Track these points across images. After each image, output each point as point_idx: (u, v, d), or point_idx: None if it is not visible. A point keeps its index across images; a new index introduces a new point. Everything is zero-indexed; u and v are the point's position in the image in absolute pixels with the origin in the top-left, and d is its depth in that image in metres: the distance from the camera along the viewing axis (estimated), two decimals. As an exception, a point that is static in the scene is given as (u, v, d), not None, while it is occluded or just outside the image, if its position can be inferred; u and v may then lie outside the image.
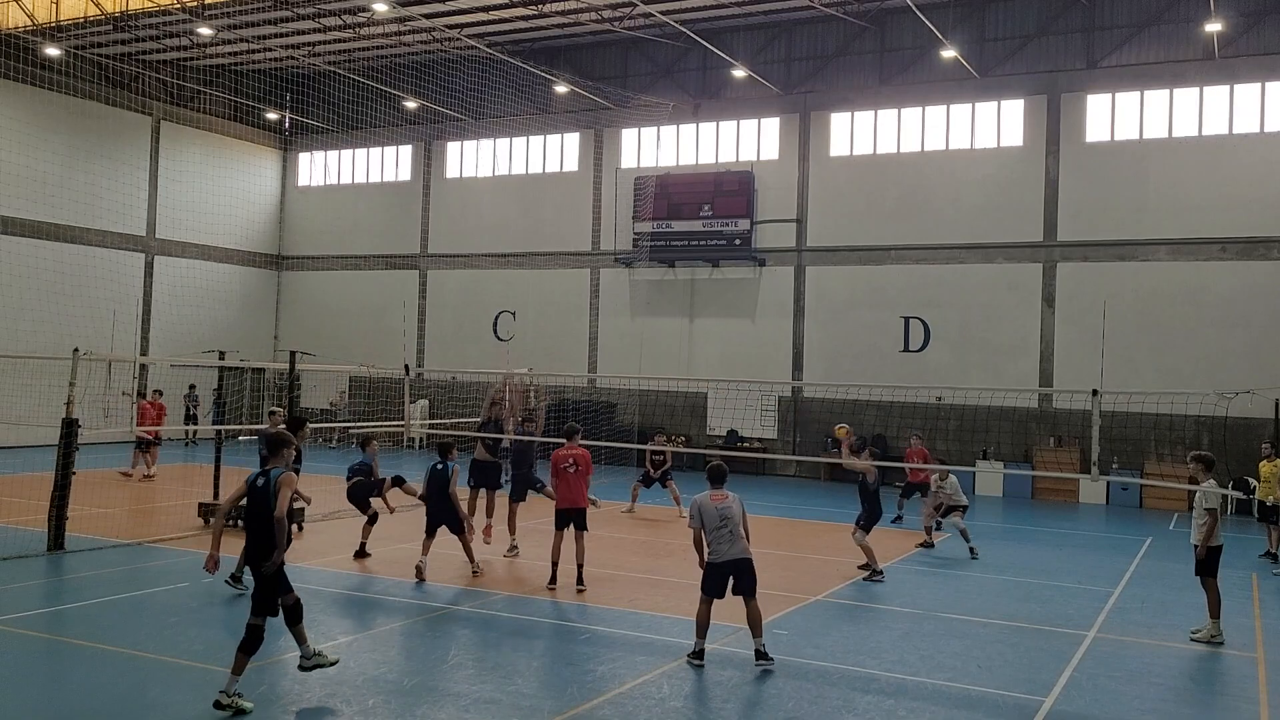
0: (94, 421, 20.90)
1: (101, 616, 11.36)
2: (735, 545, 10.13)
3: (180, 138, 34.06)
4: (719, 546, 10.15)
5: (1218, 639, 11.59)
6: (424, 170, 35.56)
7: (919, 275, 27.95)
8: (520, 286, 33.39)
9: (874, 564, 14.63)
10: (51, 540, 14.57)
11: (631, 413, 30.22)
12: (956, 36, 26.97)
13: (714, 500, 10.25)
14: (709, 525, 10.18)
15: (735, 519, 10.17)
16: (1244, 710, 9.33)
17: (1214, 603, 11.72)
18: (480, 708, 8.66)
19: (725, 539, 10.13)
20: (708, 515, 10.19)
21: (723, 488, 10.43)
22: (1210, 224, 25.01)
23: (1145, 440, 24.59)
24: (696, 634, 10.17)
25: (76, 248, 30.29)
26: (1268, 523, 17.56)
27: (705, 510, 10.21)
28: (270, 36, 29.99)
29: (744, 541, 10.21)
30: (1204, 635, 11.65)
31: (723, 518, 10.14)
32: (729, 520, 10.14)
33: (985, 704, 9.20)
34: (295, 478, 8.97)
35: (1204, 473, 11.83)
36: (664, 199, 30.59)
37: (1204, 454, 12.06)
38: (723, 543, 10.13)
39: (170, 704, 8.46)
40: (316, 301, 37.01)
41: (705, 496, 10.31)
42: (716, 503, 10.23)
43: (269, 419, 16.76)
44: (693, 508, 10.32)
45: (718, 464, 10.67)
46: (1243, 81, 25.11)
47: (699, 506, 10.25)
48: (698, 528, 10.24)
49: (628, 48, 31.59)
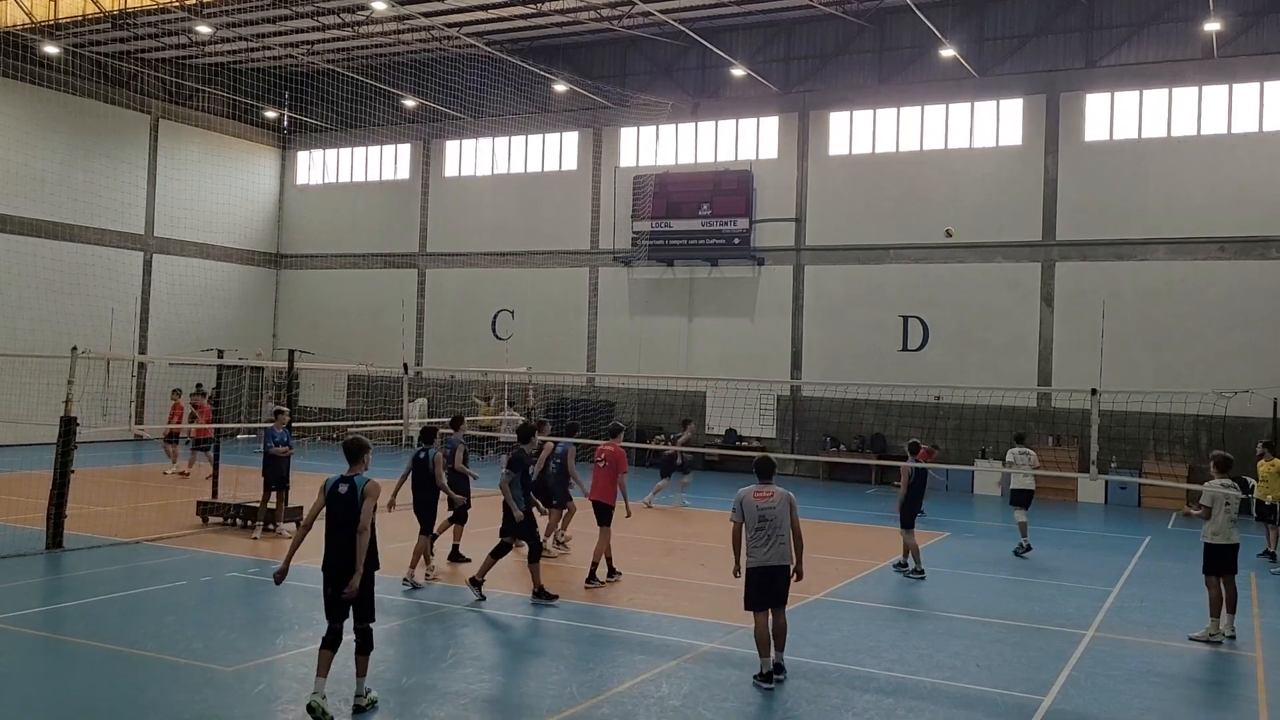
0: (93, 420, 20.90)
1: (100, 615, 11.35)
2: (772, 549, 9.50)
3: (179, 136, 34.04)
4: (755, 549, 9.55)
5: (1215, 638, 11.61)
6: (423, 169, 35.55)
7: (918, 274, 27.96)
8: (519, 285, 33.38)
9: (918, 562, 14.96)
10: (50, 538, 14.56)
11: (630, 412, 30.22)
12: (955, 36, 26.97)
13: (757, 497, 9.64)
14: (749, 523, 9.62)
15: (777, 520, 9.53)
16: (1243, 709, 9.34)
17: (1211, 600, 11.75)
18: (479, 706, 8.66)
19: (762, 541, 9.52)
20: (749, 512, 9.63)
21: (770, 483, 9.80)
22: (1209, 223, 25.02)
23: (1144, 439, 24.59)
24: (760, 652, 9.49)
25: (75, 246, 30.27)
26: (1266, 522, 17.57)
27: (747, 506, 9.64)
28: (269, 35, 29.96)
29: (786, 546, 9.56)
30: (1203, 635, 11.68)
31: (762, 517, 9.55)
32: (768, 521, 9.53)
33: (984, 703, 9.21)
34: (380, 486, 8.48)
35: (1214, 470, 11.97)
36: (663, 198, 30.58)
37: (1218, 453, 12.19)
38: (759, 545, 9.52)
39: (169, 703, 8.44)
40: (315, 300, 36.99)
41: (749, 491, 9.71)
42: (760, 501, 9.62)
43: (275, 419, 16.70)
44: (736, 501, 9.75)
45: (765, 457, 10.04)
46: (1241, 81, 25.11)
47: (741, 501, 9.68)
48: (739, 522, 9.70)
49: (627, 46, 31.58)
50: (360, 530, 8.12)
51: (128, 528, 16.27)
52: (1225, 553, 11.73)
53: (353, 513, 8.19)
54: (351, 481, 8.29)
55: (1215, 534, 11.76)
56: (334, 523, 8.29)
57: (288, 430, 16.50)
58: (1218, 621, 11.71)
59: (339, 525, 8.26)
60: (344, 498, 8.26)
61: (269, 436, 16.31)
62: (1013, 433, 19.40)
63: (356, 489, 8.24)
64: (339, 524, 8.26)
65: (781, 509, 9.57)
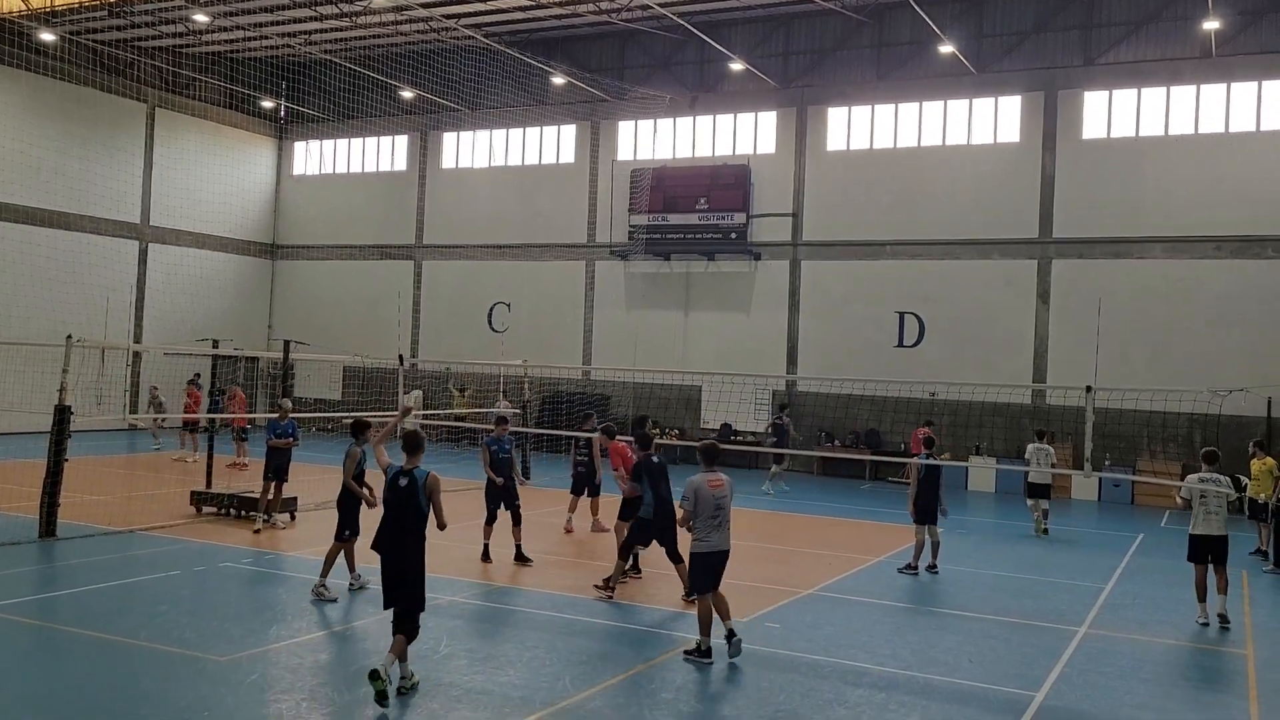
0: (87, 409, 20.87)
1: (92, 604, 11.33)
2: (723, 534, 9.87)
3: (175, 125, 33.94)
4: (709, 535, 9.82)
5: (1201, 620, 12.23)
6: (420, 160, 35.48)
7: (914, 270, 27.96)
8: (515, 278, 33.35)
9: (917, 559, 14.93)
10: (43, 527, 14.54)
11: (625, 405, 30.22)
12: (954, 32, 26.95)
13: (712, 486, 9.87)
14: (702, 512, 9.82)
15: (728, 509, 9.90)
16: (1233, 705, 9.37)
17: (1195, 585, 12.35)
18: (472, 698, 8.65)
19: (715, 527, 9.82)
20: (704, 502, 9.82)
21: (716, 469, 10.04)
22: (1205, 222, 25.04)
23: (1138, 437, 24.65)
24: (701, 630, 9.90)
25: (70, 234, 30.19)
26: (1257, 520, 17.62)
27: (702, 495, 9.82)
28: (266, 24, 29.85)
29: (728, 530, 9.96)
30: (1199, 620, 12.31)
31: (719, 505, 9.83)
32: (723, 510, 9.85)
33: (976, 698, 9.23)
34: (440, 479, 8.74)
35: (1203, 464, 12.71)
36: (660, 192, 30.55)
37: (1207, 449, 12.98)
38: (712, 531, 9.82)
39: (162, 692, 8.43)
40: (311, 291, 36.92)
41: (703, 480, 9.89)
42: (714, 490, 9.85)
43: (279, 411, 16.66)
44: (689, 489, 9.88)
45: (711, 442, 10.28)
46: (1240, 80, 25.12)
47: (695, 490, 9.83)
48: (689, 510, 9.88)
49: (625, 40, 31.52)
50: (441, 528, 8.64)
51: (121, 517, 16.24)
52: (1202, 542, 12.32)
53: (411, 505, 8.53)
54: (411, 475, 8.58)
55: (1193, 525, 12.44)
56: (392, 514, 8.62)
57: (292, 422, 16.45)
58: (1204, 607, 12.28)
59: (395, 517, 8.59)
60: (403, 490, 8.55)
61: (271, 428, 16.33)
62: (1005, 429, 19.41)
63: (417, 483, 8.53)
64: (395, 516, 8.59)
65: (731, 495, 10.00)
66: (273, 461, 16.12)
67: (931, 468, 14.82)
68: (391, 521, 8.62)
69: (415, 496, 8.50)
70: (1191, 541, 12.42)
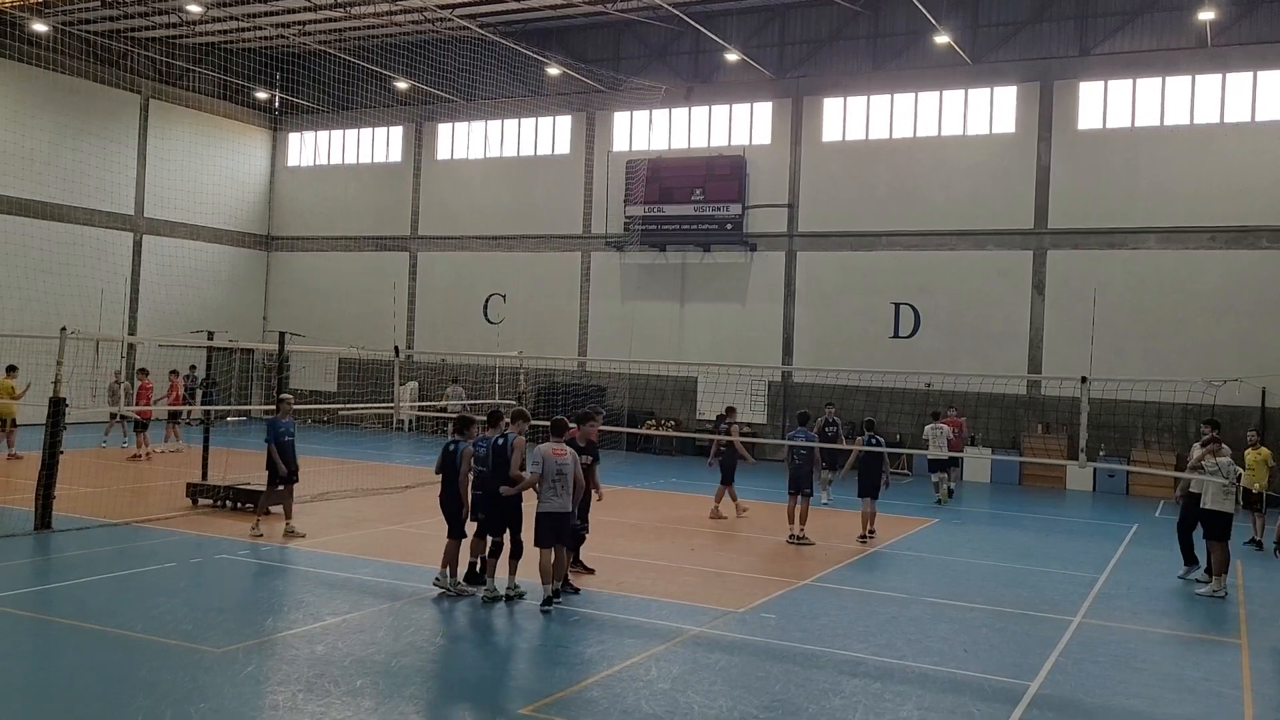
0: (82, 401, 20.82)
1: (89, 596, 11.33)
2: (563, 498, 11.16)
3: (169, 116, 33.81)
4: (551, 498, 11.10)
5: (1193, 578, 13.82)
6: (414, 152, 35.40)
7: (910, 261, 27.97)
8: (511, 269, 33.31)
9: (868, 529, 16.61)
10: (38, 519, 14.52)
11: (621, 396, 30.23)
12: (950, 22, 26.90)
13: (555, 454, 11.18)
14: (548, 475, 11.10)
15: (567, 475, 11.18)
16: (1227, 696, 9.41)
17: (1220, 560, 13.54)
18: (468, 689, 8.67)
19: (557, 491, 11.12)
20: (548, 466, 11.11)
21: (562, 441, 11.52)
22: (1201, 213, 25.07)
23: (1133, 428, 24.70)
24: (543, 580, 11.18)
25: (64, 226, 30.09)
26: (1252, 510, 17.66)
27: (547, 462, 11.12)
28: (260, 15, 29.73)
29: (569, 496, 11.23)
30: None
31: (559, 471, 11.13)
32: (563, 475, 11.15)
33: (971, 688, 9.26)
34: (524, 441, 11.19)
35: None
36: (655, 183, 30.51)
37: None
38: (555, 494, 11.11)
39: (158, 683, 8.43)
40: (306, 283, 36.85)
41: (549, 448, 11.24)
42: (557, 457, 11.17)
43: (281, 404, 15.91)
44: (535, 455, 11.20)
45: (560, 419, 11.87)
46: (1235, 70, 25.13)
47: (543, 456, 11.14)
48: (537, 474, 11.12)
49: (620, 30, 31.44)
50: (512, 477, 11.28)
51: (117, 509, 16.24)
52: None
53: (503, 464, 11.31)
54: (505, 438, 11.36)
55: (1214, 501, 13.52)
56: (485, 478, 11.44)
57: (291, 420, 15.38)
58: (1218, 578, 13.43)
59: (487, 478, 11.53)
60: (499, 449, 11.43)
61: (273, 426, 15.06)
62: (1000, 419, 19.50)
63: (506, 442, 11.28)
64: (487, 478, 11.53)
65: (574, 464, 11.33)
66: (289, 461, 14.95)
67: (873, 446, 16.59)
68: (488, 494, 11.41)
69: (505, 455, 11.29)
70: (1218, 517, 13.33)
